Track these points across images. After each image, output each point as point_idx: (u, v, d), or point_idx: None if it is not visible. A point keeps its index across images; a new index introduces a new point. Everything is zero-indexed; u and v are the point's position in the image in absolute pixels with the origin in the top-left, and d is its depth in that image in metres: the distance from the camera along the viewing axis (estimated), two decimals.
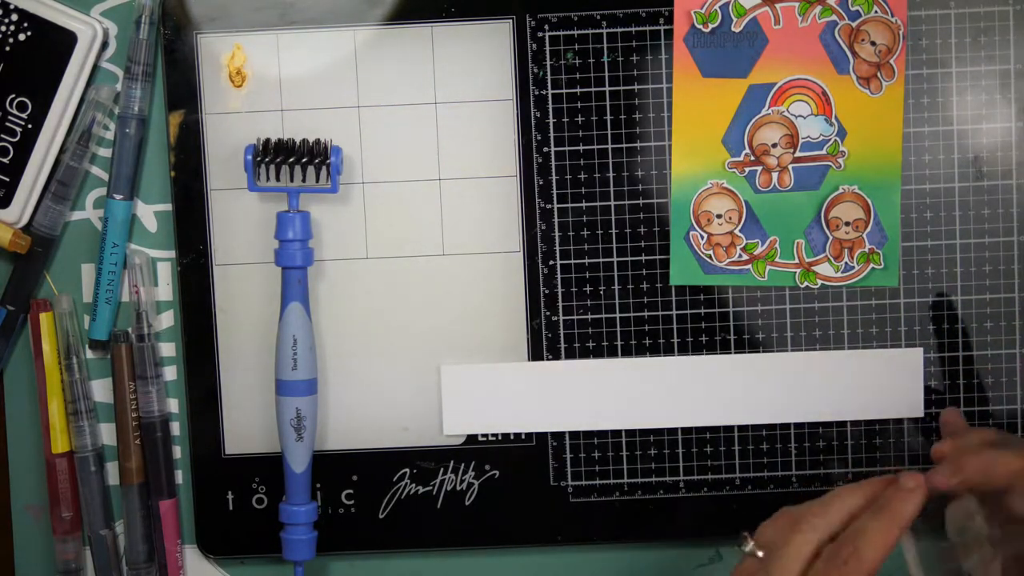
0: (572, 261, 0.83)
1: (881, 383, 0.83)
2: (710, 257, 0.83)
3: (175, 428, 0.85)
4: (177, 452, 0.85)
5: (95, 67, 0.83)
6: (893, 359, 0.83)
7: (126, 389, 0.84)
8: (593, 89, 0.82)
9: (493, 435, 0.84)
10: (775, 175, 0.82)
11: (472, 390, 0.83)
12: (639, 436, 0.84)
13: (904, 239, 0.83)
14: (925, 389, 0.83)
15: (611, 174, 0.83)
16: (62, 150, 0.83)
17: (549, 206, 0.83)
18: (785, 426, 0.84)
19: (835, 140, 0.82)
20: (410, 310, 0.83)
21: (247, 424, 0.84)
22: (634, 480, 0.84)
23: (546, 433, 0.84)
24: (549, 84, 0.82)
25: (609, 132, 0.82)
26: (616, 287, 0.83)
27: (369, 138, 0.83)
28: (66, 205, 0.83)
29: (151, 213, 0.84)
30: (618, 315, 0.83)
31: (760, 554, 0.69)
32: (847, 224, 0.82)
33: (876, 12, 0.81)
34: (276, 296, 0.82)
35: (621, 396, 0.83)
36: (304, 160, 0.81)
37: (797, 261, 0.83)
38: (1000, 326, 0.83)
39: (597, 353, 0.83)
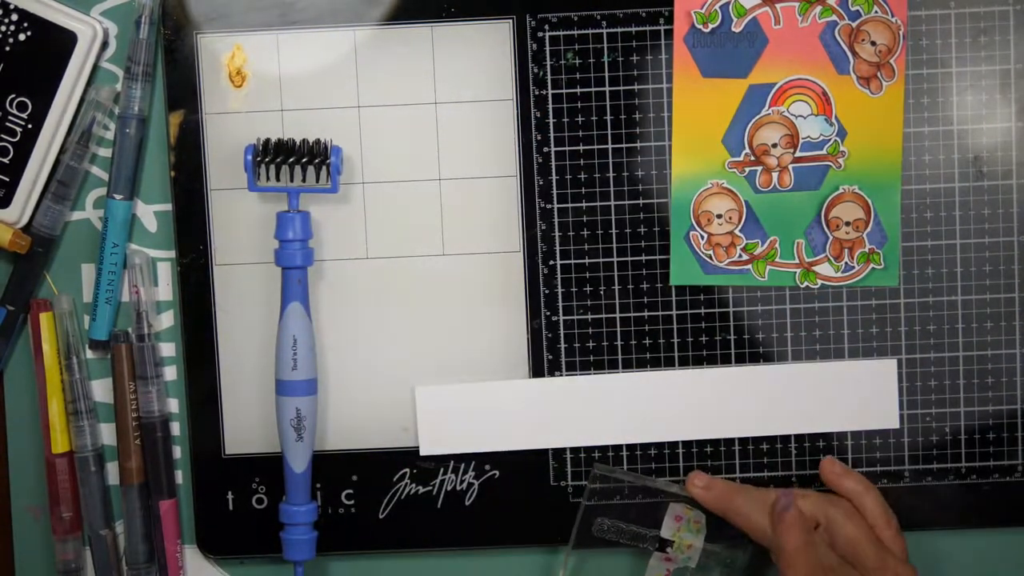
0: (572, 261, 0.83)
1: (860, 394, 0.83)
2: (710, 257, 0.83)
3: (175, 428, 0.85)
4: (177, 452, 0.85)
5: (95, 67, 0.83)
6: (870, 369, 0.83)
7: (126, 389, 0.84)
8: (593, 89, 0.82)
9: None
10: (775, 175, 0.82)
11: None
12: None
13: (904, 239, 0.83)
14: (929, 389, 0.83)
15: (611, 174, 0.83)
16: (62, 150, 0.83)
17: (549, 206, 0.83)
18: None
19: (835, 140, 0.82)
20: (410, 309, 0.83)
21: (247, 424, 0.84)
22: None
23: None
24: (549, 84, 0.82)
25: (609, 132, 0.82)
26: (616, 287, 0.83)
27: (369, 138, 0.83)
28: (66, 205, 0.83)
29: (151, 213, 0.84)
30: (618, 315, 0.83)
31: None
32: (847, 224, 0.82)
33: (876, 12, 0.81)
34: (276, 296, 0.82)
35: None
36: (304, 160, 0.81)
37: (797, 261, 0.83)
38: (1000, 326, 0.83)
39: (597, 353, 0.83)
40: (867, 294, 0.83)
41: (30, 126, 0.82)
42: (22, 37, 0.81)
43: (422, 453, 0.84)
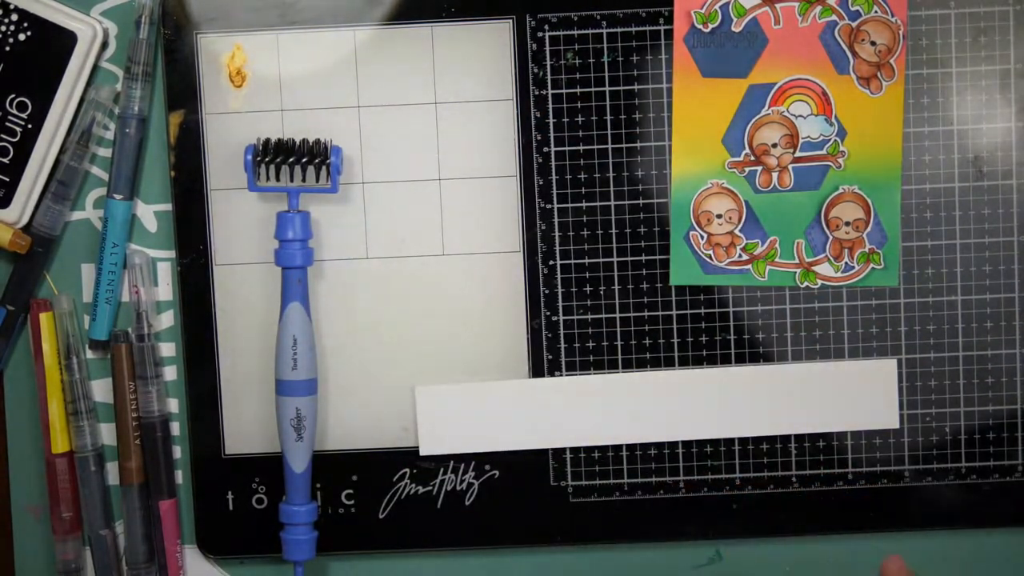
0: (572, 261, 0.83)
1: (860, 394, 0.83)
2: (710, 257, 0.83)
3: (175, 428, 0.85)
4: (177, 452, 0.85)
5: (95, 67, 0.83)
6: (870, 369, 0.83)
7: (126, 389, 0.84)
8: (593, 89, 0.82)
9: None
10: (775, 175, 0.82)
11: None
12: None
13: (904, 239, 0.83)
14: (927, 389, 0.84)
15: (611, 174, 0.83)
16: (62, 150, 0.83)
17: (549, 206, 0.83)
18: None
19: (835, 140, 0.82)
20: (410, 309, 0.83)
21: (247, 424, 0.84)
22: (634, 480, 0.84)
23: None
24: (549, 84, 0.82)
25: (609, 132, 0.82)
26: (616, 287, 0.83)
27: (369, 138, 0.83)
28: (66, 205, 0.83)
29: (151, 213, 0.84)
30: (618, 315, 0.83)
31: None
32: (847, 224, 0.82)
33: (876, 12, 0.81)
34: (276, 296, 0.82)
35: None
36: (304, 160, 0.81)
37: (797, 261, 0.83)
38: (1000, 326, 0.83)
39: (597, 353, 0.83)
40: (867, 294, 0.83)
41: (30, 126, 0.82)
42: (22, 37, 0.81)
43: (422, 453, 0.84)
